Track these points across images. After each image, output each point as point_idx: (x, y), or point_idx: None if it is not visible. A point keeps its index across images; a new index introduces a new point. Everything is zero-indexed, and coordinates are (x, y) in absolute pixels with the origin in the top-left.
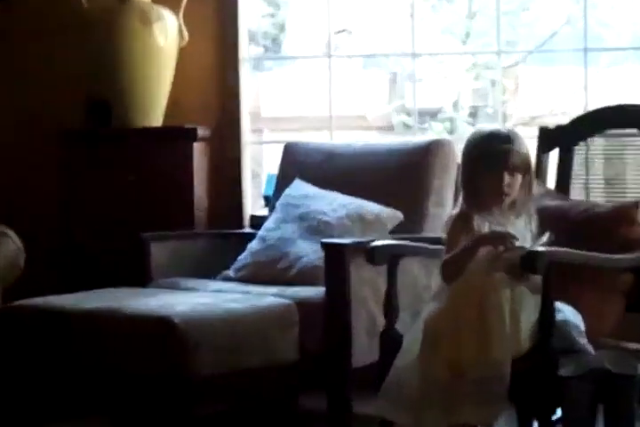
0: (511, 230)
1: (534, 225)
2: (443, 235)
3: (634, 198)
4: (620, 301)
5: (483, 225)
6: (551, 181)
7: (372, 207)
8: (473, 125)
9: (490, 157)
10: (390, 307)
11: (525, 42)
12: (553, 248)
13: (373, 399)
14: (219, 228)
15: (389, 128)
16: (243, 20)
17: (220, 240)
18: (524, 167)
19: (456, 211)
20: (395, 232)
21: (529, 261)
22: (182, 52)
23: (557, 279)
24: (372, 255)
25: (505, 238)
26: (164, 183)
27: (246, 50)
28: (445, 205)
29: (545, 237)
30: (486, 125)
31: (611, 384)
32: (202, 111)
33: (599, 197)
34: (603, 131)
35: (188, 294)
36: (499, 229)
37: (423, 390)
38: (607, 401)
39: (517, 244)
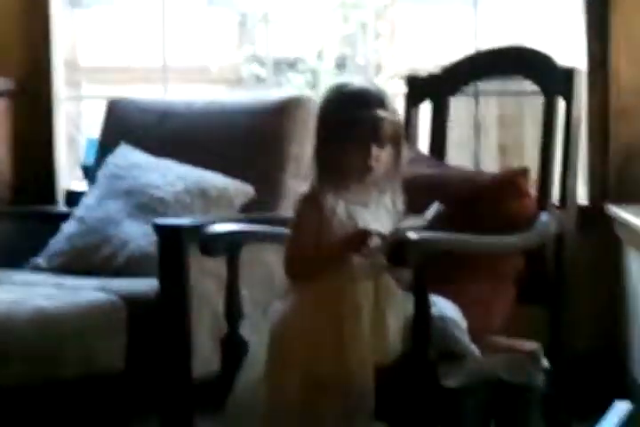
0: (373, 211)
1: (400, 202)
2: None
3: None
4: (509, 290)
5: (337, 205)
6: (424, 143)
7: (216, 180)
8: (340, 79)
9: (355, 126)
10: (232, 307)
11: None
12: (428, 234)
13: (219, 417)
14: (25, 205)
15: (238, 81)
16: None
17: (28, 221)
18: (396, 137)
19: (304, 189)
20: (245, 210)
21: (397, 252)
22: None
23: (432, 268)
24: (206, 245)
25: (365, 242)
26: None
27: None
28: (306, 177)
29: (432, 210)
30: (348, 80)
31: (504, 396)
32: (3, 59)
33: (489, 165)
34: (482, 77)
35: None
36: (375, 225)
37: (273, 406)
38: (500, 417)
39: (381, 227)
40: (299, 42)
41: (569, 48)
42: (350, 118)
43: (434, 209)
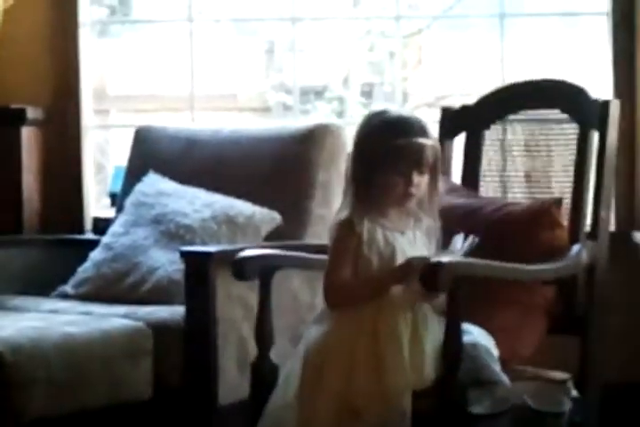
0: (410, 237)
1: (437, 229)
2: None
3: (559, 196)
4: (541, 320)
5: (375, 233)
6: (457, 175)
7: (242, 207)
8: (367, 107)
9: (399, 153)
10: (263, 331)
11: (430, 5)
12: (460, 259)
13: None
14: (53, 233)
15: (265, 110)
16: None
17: (56, 248)
18: (435, 164)
19: (342, 215)
20: (272, 238)
21: (429, 275)
22: (7, 14)
23: (464, 295)
24: (240, 268)
25: (413, 273)
26: None
27: (87, 11)
28: (333, 204)
29: (466, 243)
30: (386, 106)
31: (531, 424)
32: (32, 88)
33: (518, 195)
34: (517, 111)
35: (15, 315)
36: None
37: None
38: None
39: (418, 254)
40: (325, 70)
41: (594, 76)
42: (393, 146)
43: (467, 242)
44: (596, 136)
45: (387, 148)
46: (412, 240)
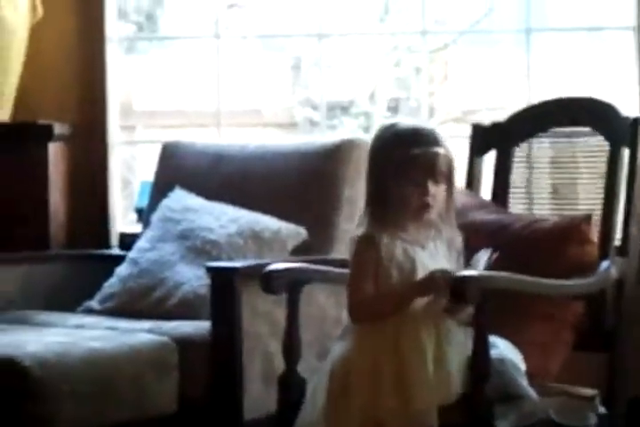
0: (431, 250)
1: (458, 240)
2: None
3: (586, 211)
4: (569, 336)
5: (394, 247)
6: (486, 191)
7: (269, 223)
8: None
9: (412, 163)
10: (291, 345)
11: (456, 20)
12: (487, 272)
13: None
14: (80, 248)
15: (291, 125)
16: None
17: (82, 264)
18: (450, 173)
19: (361, 230)
20: (298, 253)
21: (458, 288)
22: (35, 30)
23: (492, 309)
24: (269, 282)
25: (438, 286)
26: (12, 193)
27: (115, 28)
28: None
29: (485, 257)
30: (399, 119)
31: None
32: (59, 104)
33: (545, 210)
34: (548, 129)
35: (42, 330)
36: (437, 269)
37: None
38: None
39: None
40: (352, 85)
41: (621, 91)
42: (406, 156)
43: (484, 258)
44: (626, 152)
45: (400, 158)
46: (434, 253)
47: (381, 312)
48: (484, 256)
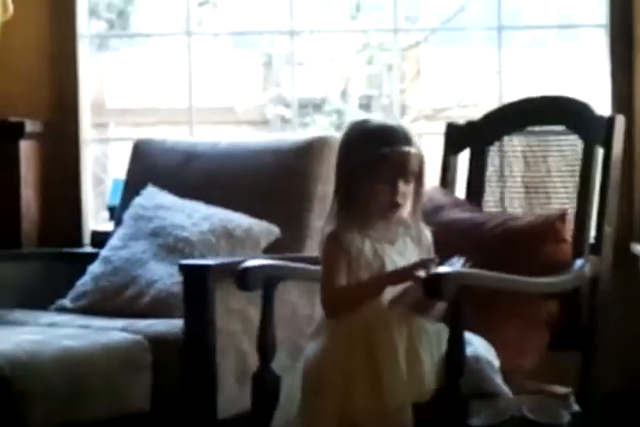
0: (400, 247)
1: (426, 236)
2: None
3: (560, 209)
4: (543, 334)
5: (363, 245)
6: (460, 189)
7: (241, 220)
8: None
9: (382, 162)
10: (265, 343)
11: (428, 17)
12: (463, 269)
13: None
14: (52, 246)
15: (263, 123)
16: None
17: (54, 262)
18: (420, 172)
19: (329, 228)
20: (270, 251)
21: (433, 284)
22: (5, 28)
23: (467, 306)
24: (244, 279)
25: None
26: None
27: (86, 25)
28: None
29: (458, 265)
30: (368, 117)
31: None
32: (30, 101)
33: (519, 209)
34: (522, 128)
35: (13, 329)
36: (402, 262)
37: None
38: None
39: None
40: (324, 83)
41: (592, 88)
42: (377, 155)
43: (457, 266)
44: (600, 151)
45: (371, 157)
46: (403, 250)
47: (354, 300)
48: (457, 264)
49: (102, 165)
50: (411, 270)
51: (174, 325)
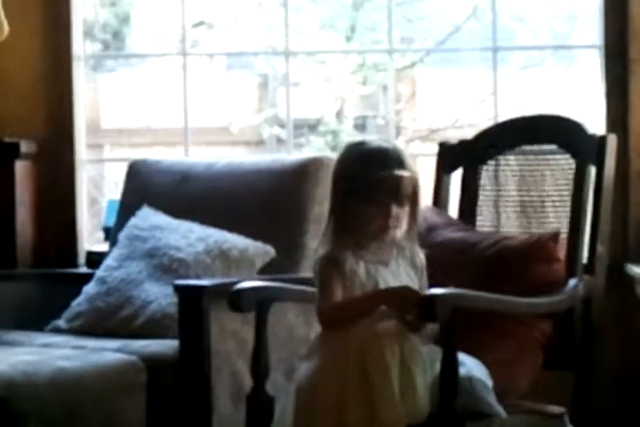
0: (394, 269)
1: (420, 258)
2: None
3: (553, 229)
4: (537, 354)
5: (357, 266)
6: (454, 209)
7: (236, 241)
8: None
9: (376, 186)
10: (259, 364)
11: (423, 39)
12: (456, 290)
13: None
14: (47, 267)
15: (259, 143)
16: (77, 8)
17: (49, 282)
18: (414, 195)
19: (323, 249)
20: (266, 271)
21: (427, 306)
22: (1, 48)
23: (460, 327)
24: (238, 300)
25: (408, 302)
26: None
27: (81, 46)
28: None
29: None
30: (364, 139)
31: None
32: (25, 122)
33: (512, 228)
34: (515, 147)
35: (8, 349)
36: (396, 284)
37: None
38: None
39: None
40: (319, 104)
41: (588, 109)
42: (371, 178)
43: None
44: (592, 170)
45: (365, 180)
46: (396, 271)
47: (349, 315)
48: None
49: (97, 186)
50: (398, 295)
51: (169, 345)
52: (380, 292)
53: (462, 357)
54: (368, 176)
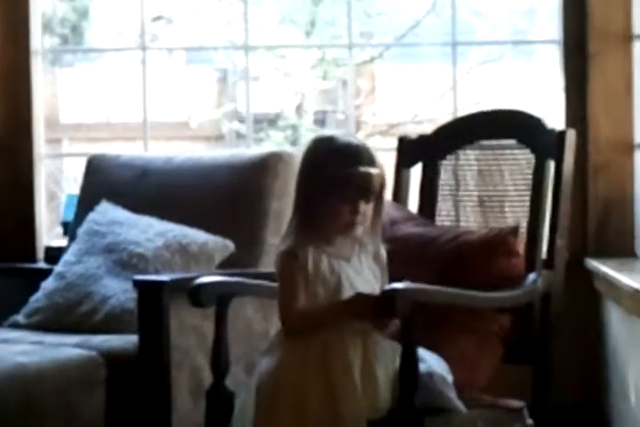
0: (356, 265)
1: (382, 255)
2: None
3: (512, 223)
4: (496, 348)
5: (320, 261)
6: (413, 203)
7: (196, 236)
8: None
9: (345, 182)
10: (219, 359)
11: (383, 33)
12: (416, 285)
13: None
14: (5, 262)
15: (218, 138)
16: (35, 2)
17: (7, 277)
18: (381, 192)
19: (285, 244)
20: (225, 266)
21: (387, 301)
22: None
23: (419, 322)
24: (198, 295)
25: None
26: None
27: (40, 40)
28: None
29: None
30: (331, 133)
31: None
32: None
33: (471, 223)
34: (474, 142)
35: None
36: (359, 280)
37: None
38: None
39: (364, 281)
40: (279, 98)
41: (546, 103)
42: (341, 175)
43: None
44: (552, 165)
45: (334, 176)
46: (359, 267)
47: (315, 326)
48: None
49: (56, 181)
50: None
51: (129, 340)
52: (341, 304)
53: (422, 352)
54: (338, 172)
